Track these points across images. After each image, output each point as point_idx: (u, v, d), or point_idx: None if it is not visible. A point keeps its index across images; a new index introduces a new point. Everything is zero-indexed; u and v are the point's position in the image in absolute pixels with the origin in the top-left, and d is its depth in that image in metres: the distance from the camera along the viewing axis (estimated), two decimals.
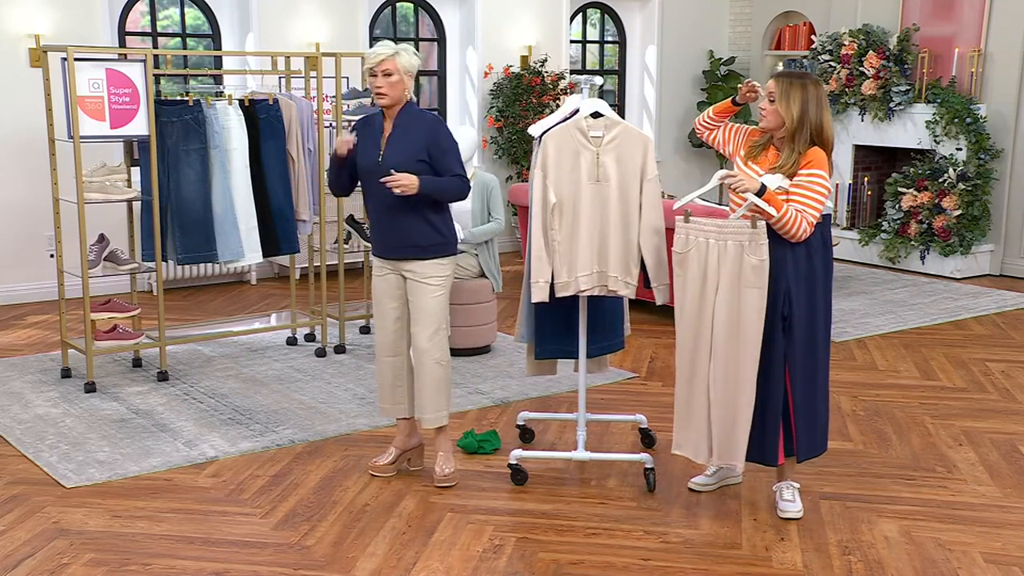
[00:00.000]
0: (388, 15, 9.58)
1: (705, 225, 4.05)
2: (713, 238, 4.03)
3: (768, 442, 4.14)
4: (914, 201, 9.07)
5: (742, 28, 11.29)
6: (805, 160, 4.03)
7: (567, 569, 3.78)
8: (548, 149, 4.29)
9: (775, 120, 4.08)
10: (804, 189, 3.99)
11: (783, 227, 3.96)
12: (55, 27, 7.68)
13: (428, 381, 4.41)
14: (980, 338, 7.06)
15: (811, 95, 4.03)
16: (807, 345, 4.11)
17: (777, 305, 4.03)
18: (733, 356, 4.04)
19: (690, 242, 4.08)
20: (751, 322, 3.99)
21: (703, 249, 4.06)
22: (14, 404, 5.52)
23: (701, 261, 4.06)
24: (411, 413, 4.61)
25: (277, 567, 3.77)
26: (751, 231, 3.96)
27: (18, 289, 7.82)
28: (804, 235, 3.99)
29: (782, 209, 3.94)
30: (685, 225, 4.09)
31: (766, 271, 3.96)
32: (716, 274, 4.04)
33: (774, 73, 4.18)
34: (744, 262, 3.97)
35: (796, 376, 4.09)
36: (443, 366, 4.43)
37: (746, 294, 3.98)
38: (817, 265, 4.09)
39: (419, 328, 4.39)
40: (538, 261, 4.32)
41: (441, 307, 4.40)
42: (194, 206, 5.93)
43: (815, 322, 4.11)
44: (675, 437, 4.25)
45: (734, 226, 3.99)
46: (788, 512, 4.21)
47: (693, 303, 4.10)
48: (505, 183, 9.82)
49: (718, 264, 4.03)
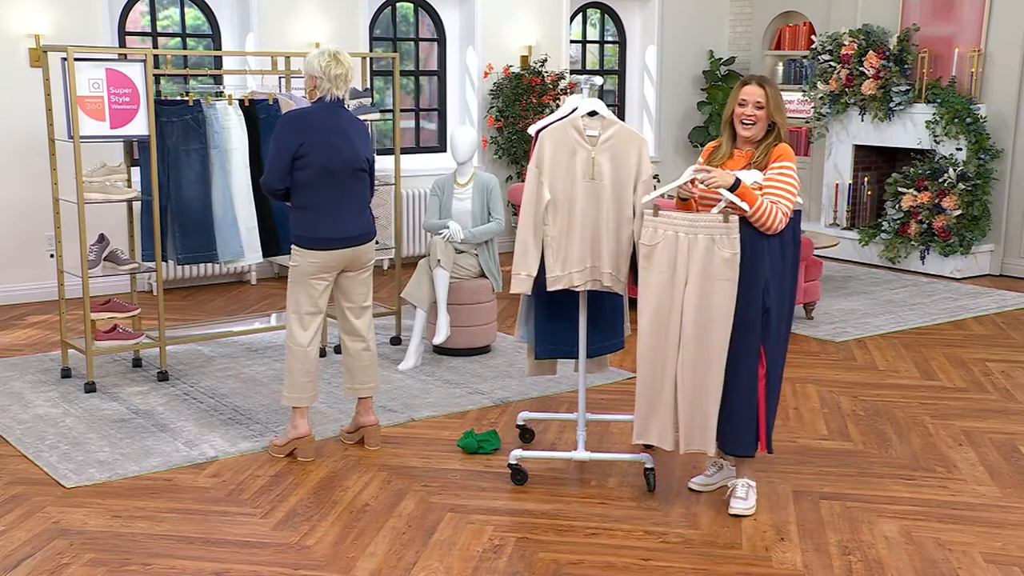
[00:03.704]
0: (388, 15, 9.58)
1: (675, 218, 4.10)
2: (683, 231, 4.08)
3: (746, 434, 4.18)
4: (914, 201, 9.07)
5: (742, 28, 11.29)
6: (776, 154, 4.14)
7: (567, 569, 3.78)
8: (544, 146, 4.32)
9: (763, 126, 4.16)
10: (777, 182, 4.08)
11: (759, 219, 4.02)
12: (55, 27, 7.68)
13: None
14: (980, 338, 7.06)
15: (780, 95, 4.18)
16: (778, 337, 4.16)
17: (757, 298, 4.09)
18: (704, 346, 4.09)
19: (658, 235, 4.11)
20: (721, 313, 4.06)
21: (672, 242, 4.09)
22: (14, 404, 5.52)
23: (670, 253, 4.10)
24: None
25: (277, 567, 3.77)
26: (724, 225, 4.02)
27: (18, 289, 7.82)
28: (780, 226, 4.05)
29: (757, 202, 4.00)
30: (654, 219, 4.12)
31: (737, 264, 4.03)
32: (685, 267, 4.09)
33: (749, 79, 4.17)
34: (715, 255, 4.04)
35: (770, 366, 4.15)
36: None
37: (717, 286, 4.05)
38: (788, 259, 4.16)
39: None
40: (523, 255, 4.37)
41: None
42: (194, 206, 5.93)
43: (784, 316, 4.18)
44: (637, 426, 4.24)
45: (706, 220, 4.04)
46: (737, 509, 4.23)
47: (659, 295, 4.13)
48: (505, 183, 9.82)
49: (688, 257, 4.08)
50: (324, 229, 4.65)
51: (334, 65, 4.62)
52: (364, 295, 4.89)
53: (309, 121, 4.62)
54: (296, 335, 4.75)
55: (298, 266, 4.71)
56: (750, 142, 4.20)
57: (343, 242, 4.69)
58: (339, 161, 4.63)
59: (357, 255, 4.76)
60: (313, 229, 4.64)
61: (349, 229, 4.69)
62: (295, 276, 4.73)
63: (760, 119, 4.13)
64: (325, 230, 4.65)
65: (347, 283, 4.83)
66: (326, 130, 4.62)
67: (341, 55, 4.65)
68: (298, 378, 4.75)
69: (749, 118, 4.12)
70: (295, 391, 4.77)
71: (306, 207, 4.65)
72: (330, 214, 4.66)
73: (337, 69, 4.63)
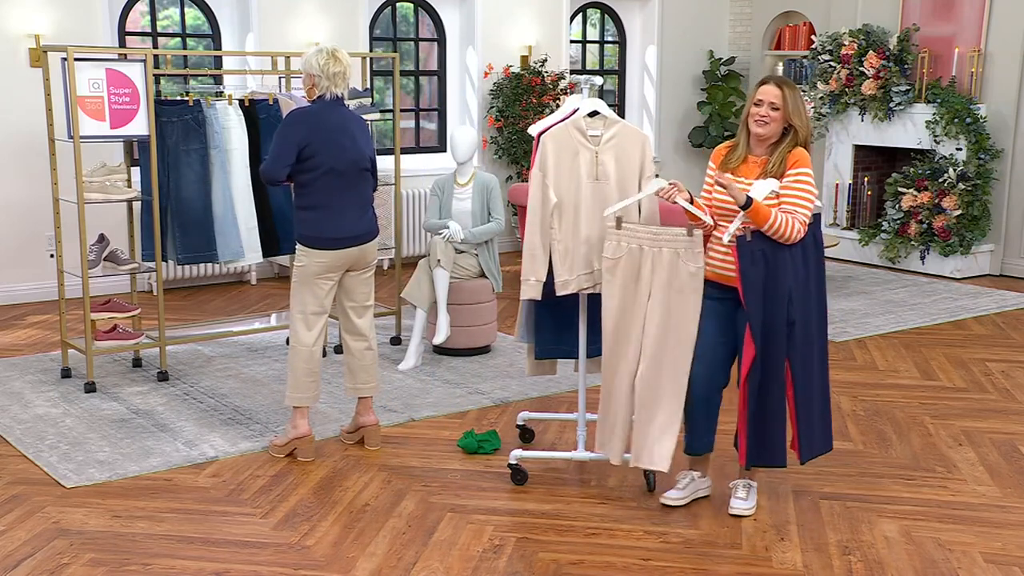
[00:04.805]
0: (388, 15, 9.58)
1: (639, 231, 4.11)
2: (647, 244, 4.10)
3: (775, 445, 4.14)
4: (914, 201, 9.07)
5: (742, 28, 11.29)
6: (792, 160, 4.07)
7: (567, 569, 3.78)
8: (547, 148, 4.30)
9: (778, 127, 4.09)
10: (794, 190, 4.02)
11: (776, 233, 3.96)
12: (55, 27, 7.68)
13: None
14: (980, 338, 7.06)
15: (801, 99, 4.11)
16: (806, 346, 4.11)
17: (781, 309, 4.01)
18: (669, 359, 4.10)
19: (621, 248, 4.13)
20: (685, 326, 4.07)
21: (636, 255, 4.11)
22: (14, 404, 5.52)
23: (633, 266, 4.12)
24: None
25: (277, 567, 3.77)
26: (687, 239, 4.05)
27: (18, 289, 7.82)
28: (799, 236, 3.99)
29: (770, 218, 3.94)
30: (616, 232, 4.13)
31: (702, 278, 4.06)
32: (649, 280, 4.10)
33: (767, 79, 4.13)
34: (680, 269, 4.05)
35: (797, 377, 4.09)
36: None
37: (681, 299, 4.07)
38: (811, 264, 4.11)
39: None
40: (531, 259, 4.35)
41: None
42: (194, 206, 5.93)
43: (812, 322, 4.12)
44: (598, 436, 4.31)
45: (669, 234, 4.07)
46: (737, 509, 4.23)
47: (621, 309, 4.15)
48: (505, 183, 9.82)
49: (651, 270, 4.09)
50: (330, 229, 4.65)
51: (332, 63, 4.62)
52: (367, 294, 4.89)
53: (317, 120, 4.62)
54: (300, 335, 4.75)
55: (304, 266, 4.71)
56: (764, 144, 4.12)
57: (349, 241, 4.69)
58: (345, 162, 4.64)
59: (362, 254, 4.77)
60: (319, 229, 4.65)
61: (354, 228, 4.70)
62: (301, 276, 4.72)
63: (774, 120, 4.06)
64: (331, 230, 4.65)
65: (351, 282, 4.83)
66: (332, 130, 4.62)
67: (339, 53, 4.65)
68: (301, 378, 4.75)
69: (763, 118, 4.06)
70: (298, 391, 4.77)
71: (312, 207, 4.65)
72: (336, 214, 4.66)
73: (335, 67, 4.63)
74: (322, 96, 4.67)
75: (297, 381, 4.76)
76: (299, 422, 4.79)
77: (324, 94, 4.66)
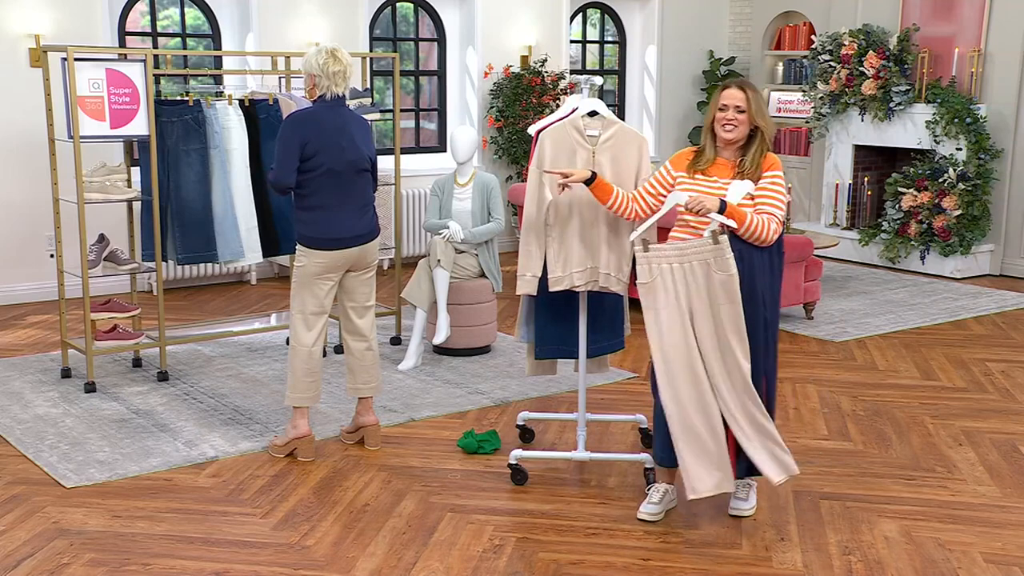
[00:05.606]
0: (388, 15, 9.58)
1: (665, 250, 3.96)
2: (676, 262, 3.94)
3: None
4: (914, 201, 9.07)
5: (742, 28, 11.29)
6: (767, 164, 4.07)
7: (567, 569, 3.78)
8: (545, 147, 4.32)
9: (745, 130, 4.06)
10: (770, 191, 4.03)
11: (752, 235, 3.96)
12: (55, 27, 7.68)
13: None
14: (980, 338, 7.06)
15: (763, 100, 4.10)
16: (771, 347, 4.13)
17: (759, 312, 4.03)
18: (736, 375, 3.94)
19: (653, 271, 3.96)
20: (736, 337, 3.92)
21: (668, 276, 3.95)
22: (14, 404, 5.52)
23: (669, 288, 3.95)
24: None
25: (277, 567, 3.77)
26: (714, 247, 3.90)
27: (18, 289, 7.82)
28: (774, 237, 4.01)
29: (747, 219, 3.93)
30: (646, 255, 3.96)
31: (736, 285, 3.90)
32: (687, 299, 3.94)
33: (729, 83, 4.10)
34: (714, 279, 3.91)
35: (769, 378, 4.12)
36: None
37: (722, 311, 3.91)
38: (776, 270, 4.13)
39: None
40: (527, 256, 4.36)
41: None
42: (194, 206, 5.93)
43: (774, 325, 4.13)
44: (701, 481, 3.92)
45: (696, 246, 3.92)
46: (737, 509, 4.22)
47: (672, 332, 3.95)
48: (505, 183, 9.82)
49: (687, 288, 3.94)
50: (330, 229, 4.65)
51: (332, 62, 4.62)
52: (368, 295, 4.89)
53: (316, 122, 4.62)
54: (300, 335, 4.75)
55: (304, 267, 4.71)
56: (732, 147, 4.10)
57: (349, 241, 4.69)
58: (342, 162, 4.64)
59: (363, 254, 4.77)
60: (319, 230, 4.65)
61: (354, 228, 4.70)
62: (301, 277, 4.72)
63: (741, 123, 4.03)
64: (331, 230, 4.65)
65: (351, 283, 4.83)
66: (332, 131, 4.62)
67: (339, 52, 4.65)
68: (301, 378, 4.76)
69: (730, 122, 4.04)
70: (298, 391, 4.77)
71: (312, 208, 4.66)
72: (336, 214, 4.66)
73: (335, 66, 4.63)
74: (323, 96, 4.67)
75: (297, 381, 4.76)
76: (299, 422, 4.79)
77: (325, 94, 4.66)
